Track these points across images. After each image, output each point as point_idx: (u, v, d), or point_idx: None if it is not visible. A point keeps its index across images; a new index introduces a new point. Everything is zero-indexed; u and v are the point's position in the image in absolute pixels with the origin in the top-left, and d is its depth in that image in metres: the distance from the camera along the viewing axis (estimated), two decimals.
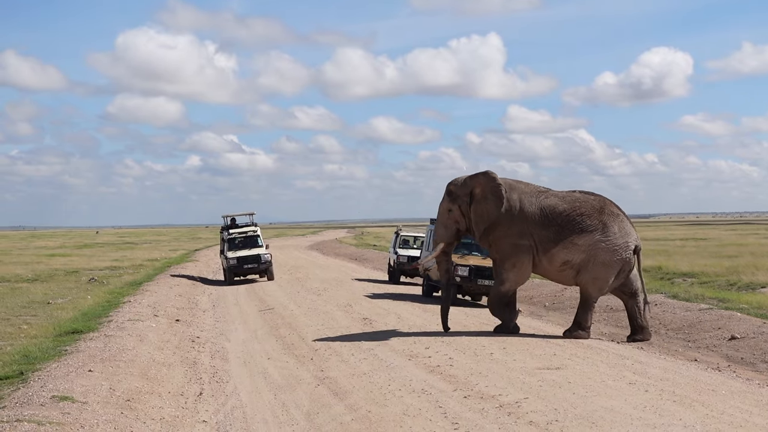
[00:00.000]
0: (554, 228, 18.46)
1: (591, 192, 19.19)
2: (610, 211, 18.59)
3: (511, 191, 18.93)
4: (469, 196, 19.29)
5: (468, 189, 19.34)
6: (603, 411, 11.10)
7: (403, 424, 10.94)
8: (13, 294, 28.17)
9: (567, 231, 18.38)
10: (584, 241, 18.29)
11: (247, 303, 26.95)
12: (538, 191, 19.07)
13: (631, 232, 18.62)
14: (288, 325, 20.92)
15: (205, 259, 52.38)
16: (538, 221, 18.57)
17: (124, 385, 13.04)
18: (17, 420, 10.34)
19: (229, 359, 16.54)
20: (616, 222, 18.48)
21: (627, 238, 18.45)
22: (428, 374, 13.96)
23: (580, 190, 19.22)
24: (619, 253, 18.31)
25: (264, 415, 12.08)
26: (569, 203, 18.63)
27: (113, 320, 20.30)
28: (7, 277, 35.91)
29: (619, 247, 18.32)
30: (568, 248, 18.38)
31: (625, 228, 18.55)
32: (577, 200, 18.72)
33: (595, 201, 18.75)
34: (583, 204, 18.61)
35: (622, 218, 18.67)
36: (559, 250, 18.46)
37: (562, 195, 18.95)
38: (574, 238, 18.33)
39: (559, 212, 18.52)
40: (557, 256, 18.52)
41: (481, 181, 19.22)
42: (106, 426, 10.64)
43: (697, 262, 35.10)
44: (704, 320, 19.38)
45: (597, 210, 18.52)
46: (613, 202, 18.98)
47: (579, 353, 15.84)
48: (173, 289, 30.07)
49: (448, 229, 19.66)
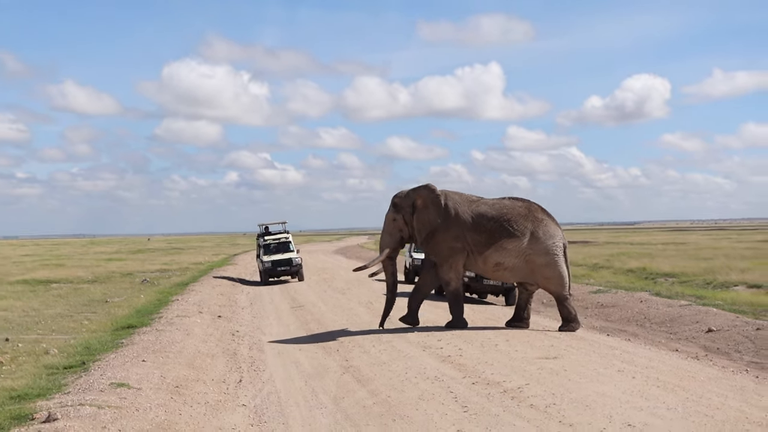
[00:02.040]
0: (485, 233, 18.44)
1: (520, 198, 19.14)
2: (534, 217, 18.56)
3: (447, 200, 18.89)
4: (411, 207, 19.23)
5: (411, 200, 19.27)
6: (595, 395, 11.06)
7: (418, 407, 10.91)
8: (76, 294, 28.27)
9: (497, 236, 18.36)
10: (513, 246, 18.29)
11: (281, 301, 26.94)
12: (470, 200, 19.04)
13: (555, 233, 18.56)
14: (317, 321, 20.91)
15: (243, 263, 52.38)
16: (471, 227, 18.54)
17: (173, 373, 13.05)
18: (80, 404, 10.36)
19: (265, 350, 16.52)
20: (540, 226, 18.43)
21: (553, 239, 18.45)
22: (440, 363, 13.92)
23: (509, 197, 19.20)
24: (551, 252, 18.35)
25: (296, 400, 12.06)
26: (497, 210, 18.60)
27: (163, 316, 20.34)
28: (70, 279, 36.02)
29: (548, 247, 18.33)
30: (499, 251, 18.38)
31: (549, 230, 18.49)
32: (505, 207, 18.69)
33: (522, 208, 18.70)
34: (510, 211, 18.57)
35: (546, 222, 18.60)
36: (491, 253, 18.45)
37: (492, 203, 18.92)
38: (503, 242, 18.32)
39: (488, 218, 18.50)
40: (490, 258, 18.51)
41: (423, 193, 19.15)
42: (158, 409, 10.65)
43: (677, 263, 34.98)
44: (684, 315, 19.29)
45: (522, 216, 18.49)
46: (540, 207, 18.93)
47: (574, 344, 15.78)
48: (215, 289, 30.10)
49: (392, 237, 19.54)
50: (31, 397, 11.15)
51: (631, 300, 22.62)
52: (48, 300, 25.86)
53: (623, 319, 20.23)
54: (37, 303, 24.70)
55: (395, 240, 19.53)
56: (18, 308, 23.08)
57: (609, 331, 18.58)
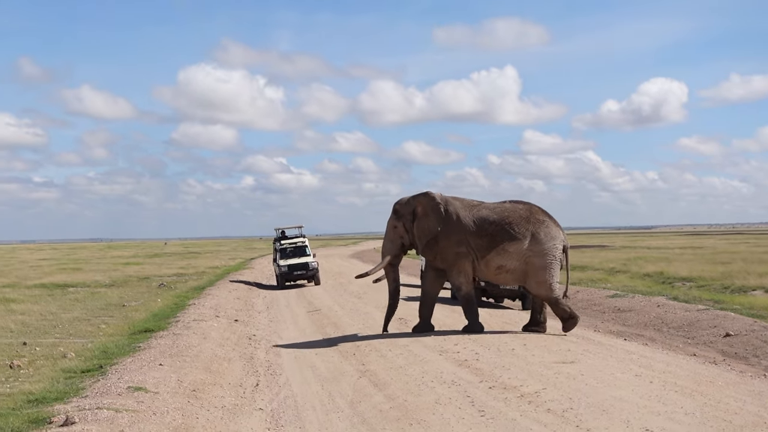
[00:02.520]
0: (487, 237, 18.45)
1: (520, 201, 19.15)
2: (535, 219, 18.55)
3: (448, 207, 18.92)
4: (412, 214, 19.24)
5: (411, 208, 19.28)
6: (613, 400, 11.02)
7: (435, 412, 10.90)
8: (93, 298, 28.38)
9: (498, 239, 18.38)
10: (514, 248, 18.30)
11: (297, 305, 26.97)
12: (472, 205, 19.07)
13: (557, 235, 18.55)
14: (333, 325, 20.92)
15: (259, 267, 52.48)
16: (473, 231, 18.55)
17: (190, 377, 13.08)
18: (98, 408, 10.39)
19: (282, 354, 16.55)
20: (541, 228, 18.43)
21: (554, 241, 18.43)
22: (457, 367, 13.90)
23: (510, 200, 19.19)
24: (550, 254, 18.32)
25: (313, 404, 12.07)
26: (498, 214, 18.61)
27: (180, 320, 20.39)
28: (88, 283, 36.18)
29: (549, 249, 18.32)
30: (500, 254, 18.39)
31: (550, 232, 18.48)
32: (506, 210, 18.69)
33: (523, 210, 18.70)
34: (511, 214, 18.57)
35: (547, 223, 18.59)
36: (493, 256, 18.46)
37: (492, 207, 18.93)
38: (505, 245, 18.33)
39: (490, 222, 18.52)
40: (492, 262, 18.51)
41: (422, 200, 19.17)
42: (175, 413, 10.67)
43: (694, 268, 34.80)
44: (702, 319, 19.19)
45: (524, 219, 18.49)
46: (541, 209, 18.93)
47: (591, 349, 15.73)
48: (232, 293, 30.17)
49: (393, 244, 19.50)
50: (48, 400, 11.20)
51: (649, 304, 22.53)
52: (65, 304, 25.97)
53: (640, 323, 20.15)
54: (54, 307, 24.81)
55: (396, 247, 19.50)
56: (36, 312, 23.18)
57: (626, 336, 18.51)
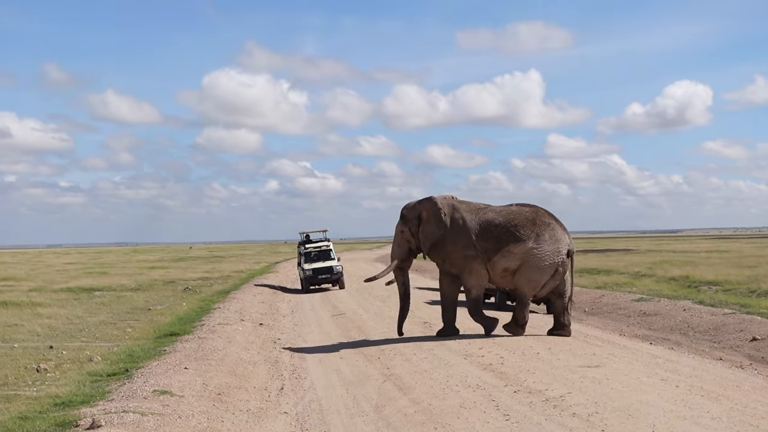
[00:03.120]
0: (492, 239, 18.49)
1: (527, 204, 19.19)
2: (541, 221, 18.56)
3: (454, 212, 18.98)
4: (417, 219, 19.31)
5: (416, 212, 19.38)
6: (638, 404, 10.97)
7: (460, 416, 10.88)
8: (119, 301, 28.53)
9: (504, 241, 18.40)
10: (519, 249, 18.32)
11: (322, 309, 27.01)
12: (478, 208, 19.11)
13: (562, 239, 18.53)
14: (357, 328, 20.93)
15: (284, 271, 52.60)
16: (479, 234, 18.59)
17: (216, 380, 13.12)
18: (123, 411, 10.44)
19: (307, 358, 16.57)
20: (547, 230, 18.44)
21: (558, 244, 18.42)
22: (482, 371, 13.88)
23: (516, 203, 19.24)
24: (550, 257, 18.34)
25: (338, 407, 12.08)
26: (504, 216, 18.65)
27: (205, 324, 20.46)
28: (113, 286, 36.36)
29: (551, 252, 18.33)
30: (505, 257, 18.41)
31: (555, 235, 18.48)
32: (512, 213, 18.73)
33: (529, 213, 18.73)
34: (517, 216, 18.60)
35: (553, 226, 18.59)
36: (498, 259, 18.48)
37: (498, 210, 18.98)
38: (510, 247, 18.34)
39: (495, 225, 18.56)
40: (498, 264, 18.54)
41: (426, 205, 19.26)
42: (200, 416, 10.71)
43: (720, 271, 34.57)
44: (728, 323, 19.06)
45: (530, 221, 18.50)
46: (547, 212, 18.96)
47: (616, 353, 15.66)
48: (257, 297, 30.25)
49: (401, 248, 19.61)
50: (75, 404, 11.26)
51: (674, 308, 22.40)
52: (91, 308, 26.11)
53: (666, 327, 20.04)
54: (80, 311, 24.96)
55: (404, 251, 19.59)
56: (62, 316, 23.33)
57: (652, 340, 18.41)
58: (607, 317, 22.16)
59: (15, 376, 13.99)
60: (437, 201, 19.11)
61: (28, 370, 14.53)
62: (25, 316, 22.99)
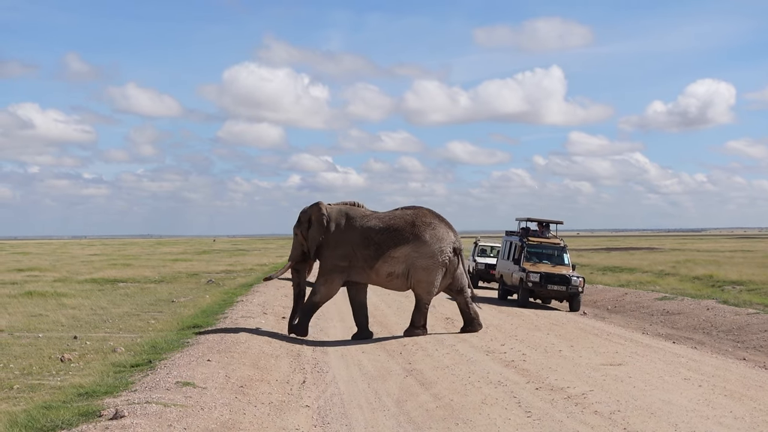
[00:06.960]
0: (374, 246, 18.54)
1: (412, 206, 19.20)
2: (422, 222, 18.53)
3: (340, 218, 19.09)
4: (308, 223, 19.39)
5: (307, 216, 19.48)
6: (661, 403, 10.93)
7: (481, 412, 10.87)
8: (143, 293, 28.65)
9: (384, 247, 18.45)
10: (400, 253, 18.37)
11: (344, 303, 26.95)
12: (363, 215, 19.14)
13: (445, 237, 18.50)
14: (379, 323, 20.95)
15: None
16: (360, 243, 18.65)
17: (238, 373, 13.14)
18: (146, 402, 10.48)
19: (329, 352, 16.59)
20: (428, 230, 18.42)
21: (441, 243, 18.40)
22: (504, 368, 13.87)
23: (402, 207, 19.29)
24: (435, 257, 18.33)
25: (359, 402, 12.09)
26: (385, 222, 18.70)
27: (228, 317, 20.51)
28: (137, 278, 36.53)
29: (434, 252, 18.33)
30: (387, 262, 18.46)
31: (438, 234, 18.44)
32: (393, 218, 18.77)
33: (409, 215, 18.74)
34: (398, 220, 18.64)
35: (435, 225, 18.55)
36: (381, 264, 18.51)
37: (382, 216, 19.01)
38: (391, 251, 18.41)
39: (376, 231, 18.60)
40: (381, 270, 18.56)
41: (314, 210, 19.35)
42: (222, 408, 10.73)
43: (745, 271, 34.39)
44: (752, 323, 18.97)
45: (409, 223, 18.51)
46: (431, 212, 18.97)
47: (639, 351, 15.61)
48: (279, 290, 30.26)
49: (296, 250, 19.80)
50: (98, 394, 11.31)
51: (698, 307, 22.31)
52: (116, 299, 26.25)
53: (689, 326, 19.96)
54: (105, 302, 25.08)
55: (298, 253, 19.72)
56: (86, 307, 23.46)
57: (675, 339, 18.35)
58: (630, 315, 22.11)
59: (39, 365, 14.08)
60: (322, 207, 19.23)
61: (52, 360, 14.62)
62: (50, 307, 23.13)
